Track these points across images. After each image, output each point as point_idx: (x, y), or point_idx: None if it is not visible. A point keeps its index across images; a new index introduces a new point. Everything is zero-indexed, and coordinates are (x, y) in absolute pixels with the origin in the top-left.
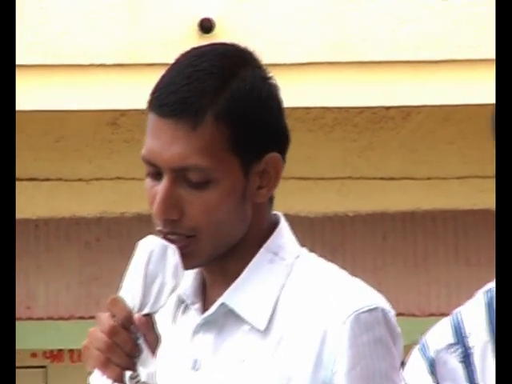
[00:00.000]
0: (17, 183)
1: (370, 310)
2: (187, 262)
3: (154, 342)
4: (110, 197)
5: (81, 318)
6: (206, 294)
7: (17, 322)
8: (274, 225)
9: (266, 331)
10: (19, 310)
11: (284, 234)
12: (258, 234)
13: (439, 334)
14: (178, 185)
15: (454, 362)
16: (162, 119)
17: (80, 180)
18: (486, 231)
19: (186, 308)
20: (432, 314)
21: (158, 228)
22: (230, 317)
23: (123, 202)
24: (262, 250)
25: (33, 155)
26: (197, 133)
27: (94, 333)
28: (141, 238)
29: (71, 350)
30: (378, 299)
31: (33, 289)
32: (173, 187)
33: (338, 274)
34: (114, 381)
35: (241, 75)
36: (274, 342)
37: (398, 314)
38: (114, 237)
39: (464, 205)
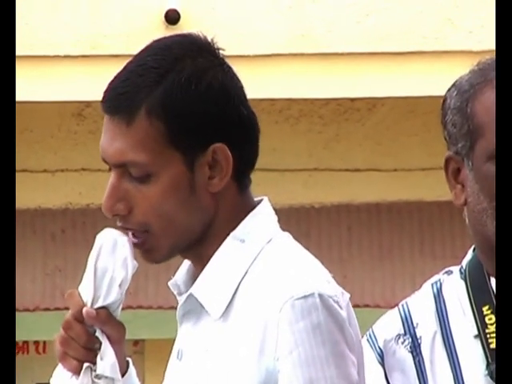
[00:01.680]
0: None
1: (305, 297)
2: (149, 257)
3: (114, 335)
4: (76, 188)
5: (46, 309)
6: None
7: None
8: (249, 210)
9: (225, 319)
10: None
11: (257, 219)
12: (228, 220)
13: (387, 325)
14: (124, 179)
15: (402, 352)
16: (106, 115)
17: (45, 171)
18: (451, 223)
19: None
20: (397, 306)
21: (117, 223)
22: (203, 306)
23: (88, 194)
24: (228, 238)
25: None
26: (132, 128)
27: (60, 328)
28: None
29: (36, 342)
30: (317, 285)
31: None
32: (118, 182)
33: (291, 260)
34: (73, 373)
35: (179, 68)
36: (230, 330)
37: (364, 306)
38: (80, 228)
39: (429, 196)
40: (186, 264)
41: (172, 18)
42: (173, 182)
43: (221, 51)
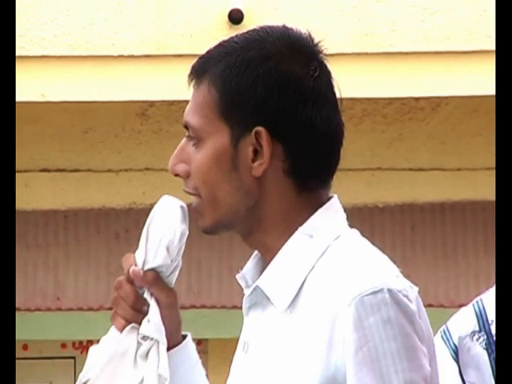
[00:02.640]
0: (46, 174)
1: (374, 293)
2: (198, 222)
3: (163, 299)
4: (139, 188)
5: (110, 309)
6: None
7: (46, 313)
8: (318, 207)
9: (290, 312)
10: (49, 301)
11: (326, 215)
12: (284, 213)
13: (462, 321)
14: (189, 143)
15: (477, 349)
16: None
17: (109, 171)
18: None
19: None
20: (461, 305)
21: None
22: (269, 299)
23: (152, 193)
24: (296, 233)
25: (61, 146)
26: (197, 92)
27: None
28: None
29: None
30: (385, 280)
31: (62, 280)
32: (185, 144)
33: (359, 256)
34: (120, 331)
35: (247, 48)
36: (296, 323)
37: (427, 305)
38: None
39: (493, 196)
40: (255, 258)
41: (236, 17)
42: (216, 152)
43: (320, 54)
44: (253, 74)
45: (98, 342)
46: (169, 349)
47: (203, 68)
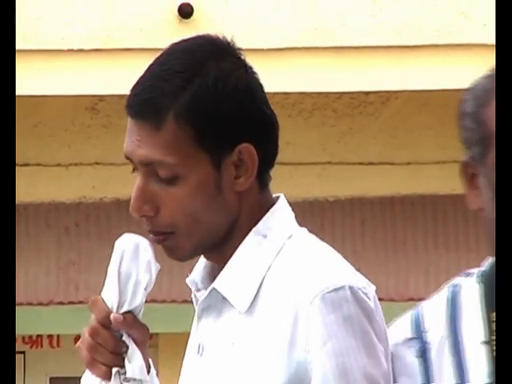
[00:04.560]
0: None
1: (335, 290)
2: (172, 254)
3: (139, 338)
4: (89, 182)
5: (60, 303)
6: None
7: None
8: (268, 207)
9: (250, 313)
10: None
11: (277, 215)
12: (250, 218)
13: (399, 328)
14: (151, 181)
15: (410, 357)
16: (131, 119)
17: (59, 165)
18: (464, 216)
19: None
20: (411, 299)
21: (144, 226)
22: (225, 301)
23: (102, 187)
24: (250, 234)
25: None
26: (160, 132)
27: (84, 333)
28: (120, 223)
29: (50, 336)
30: (346, 277)
31: None
32: (145, 183)
33: (316, 254)
34: (102, 379)
35: (204, 71)
36: (256, 324)
37: (378, 299)
38: (93, 222)
39: (443, 190)
40: (203, 261)
41: (185, 11)
42: (200, 183)
43: (240, 50)
44: (222, 96)
45: (47, 336)
46: None
47: (160, 107)
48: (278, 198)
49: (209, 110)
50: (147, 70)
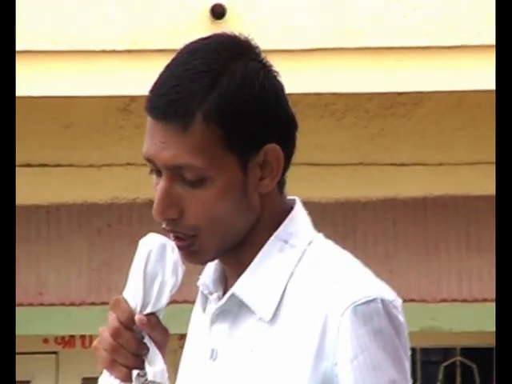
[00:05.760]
0: (28, 169)
1: (367, 302)
2: (194, 259)
3: (160, 340)
4: (121, 183)
5: (92, 304)
6: (227, 283)
7: (28, 308)
8: (287, 211)
9: (273, 321)
10: (31, 296)
11: (297, 220)
12: (269, 221)
13: None
14: (175, 183)
15: None
16: (154, 121)
17: (91, 166)
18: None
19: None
20: (443, 300)
21: (163, 226)
22: (243, 306)
23: (134, 188)
24: (271, 239)
25: (43, 142)
26: (187, 134)
27: (102, 333)
28: (152, 224)
29: (82, 336)
30: (378, 290)
31: (44, 275)
32: (170, 186)
33: (343, 263)
34: (122, 380)
35: (231, 71)
36: (280, 332)
37: (410, 300)
38: (125, 223)
39: (475, 190)
40: (213, 263)
41: (218, 12)
42: (227, 186)
43: (261, 51)
44: (250, 96)
45: (80, 337)
46: None
47: (188, 108)
48: (293, 200)
49: (237, 109)
50: (167, 70)
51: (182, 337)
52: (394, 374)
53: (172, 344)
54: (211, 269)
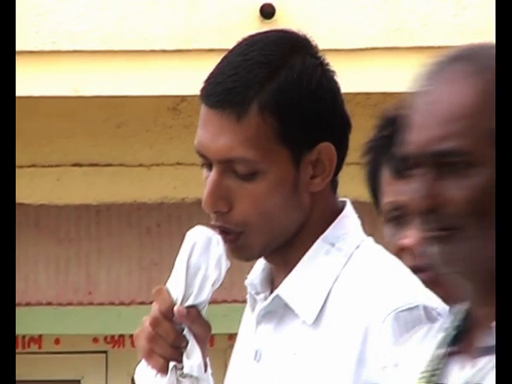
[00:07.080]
0: (78, 169)
1: (409, 309)
2: (239, 254)
3: (201, 334)
4: (171, 182)
5: (142, 303)
6: (274, 283)
7: (78, 308)
8: (337, 212)
9: (316, 324)
10: (81, 296)
11: (345, 222)
12: (318, 222)
13: None
14: (226, 176)
15: None
16: (209, 110)
17: (141, 165)
18: None
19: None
20: None
21: (212, 222)
22: (288, 308)
23: (184, 188)
24: (318, 241)
25: (93, 141)
26: (242, 124)
27: (144, 322)
28: (201, 223)
29: (132, 335)
30: (420, 297)
31: (94, 274)
32: (220, 179)
33: (388, 269)
34: (158, 371)
35: (289, 64)
36: (322, 336)
37: None
38: (175, 222)
39: None
40: (261, 263)
41: (267, 12)
42: (279, 181)
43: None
44: (307, 91)
45: (130, 336)
46: None
47: (245, 97)
48: (344, 202)
49: (294, 103)
50: (224, 60)
51: (232, 336)
52: None
53: (221, 343)
54: (259, 268)
